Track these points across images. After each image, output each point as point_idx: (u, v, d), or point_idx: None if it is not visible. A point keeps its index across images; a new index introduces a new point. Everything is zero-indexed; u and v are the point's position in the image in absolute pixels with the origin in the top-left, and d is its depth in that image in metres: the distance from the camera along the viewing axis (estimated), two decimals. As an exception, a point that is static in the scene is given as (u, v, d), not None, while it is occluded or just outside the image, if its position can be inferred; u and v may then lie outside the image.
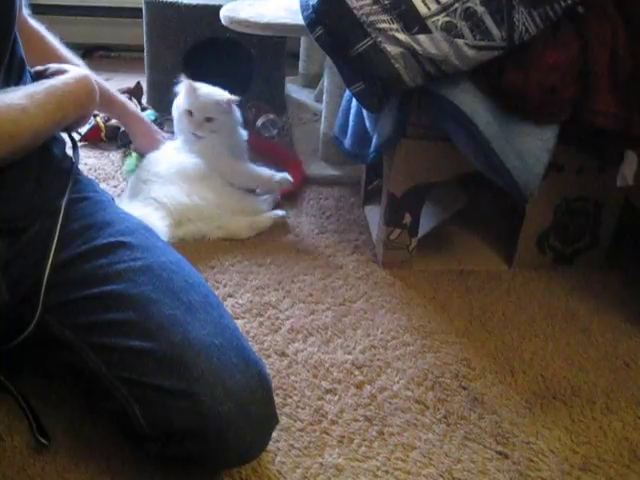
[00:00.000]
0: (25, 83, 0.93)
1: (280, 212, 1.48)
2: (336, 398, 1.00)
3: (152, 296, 0.85)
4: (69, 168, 0.99)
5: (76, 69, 0.97)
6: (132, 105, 1.58)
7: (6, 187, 0.87)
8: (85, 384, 0.89)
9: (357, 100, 1.15)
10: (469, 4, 1.02)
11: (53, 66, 0.99)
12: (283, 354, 1.08)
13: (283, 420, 0.94)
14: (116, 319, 0.84)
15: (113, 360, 0.82)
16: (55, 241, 0.90)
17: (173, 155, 1.46)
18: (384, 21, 1.03)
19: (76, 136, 1.12)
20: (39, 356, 0.94)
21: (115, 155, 1.73)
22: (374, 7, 1.03)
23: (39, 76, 0.99)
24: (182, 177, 1.40)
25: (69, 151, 1.02)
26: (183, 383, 0.78)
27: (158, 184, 1.38)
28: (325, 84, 1.71)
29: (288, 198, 1.57)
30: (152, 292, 0.86)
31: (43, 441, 0.86)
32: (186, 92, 1.46)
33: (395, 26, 1.03)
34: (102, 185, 1.53)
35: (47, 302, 0.87)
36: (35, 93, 0.87)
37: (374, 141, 1.26)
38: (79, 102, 0.94)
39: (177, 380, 0.78)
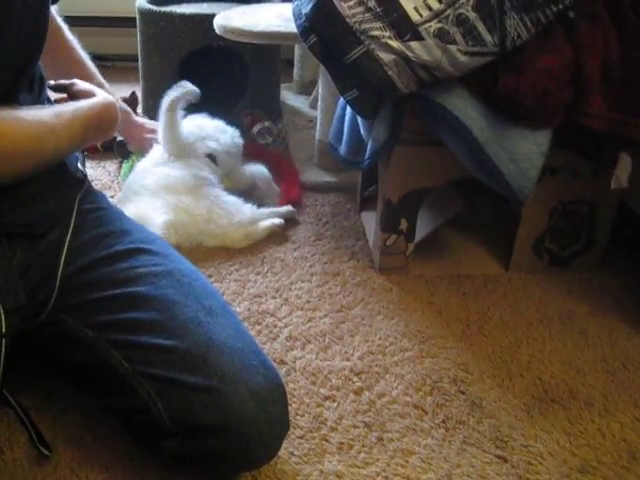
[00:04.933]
0: (44, 100, 0.94)
1: (277, 221, 1.46)
2: (335, 405, 1.00)
3: (174, 298, 0.87)
4: (82, 179, 1.02)
5: (103, 94, 0.98)
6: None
7: (25, 195, 0.88)
8: (97, 385, 0.89)
9: (351, 107, 1.16)
10: (461, 10, 1.03)
11: (80, 84, 1.00)
12: (281, 362, 1.09)
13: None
14: (139, 318, 0.85)
15: (136, 357, 0.83)
16: (71, 229, 0.93)
17: (161, 166, 1.44)
18: (377, 29, 1.03)
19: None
20: (54, 357, 0.95)
21: (111, 165, 1.73)
22: (366, 15, 1.04)
23: (62, 89, 1.00)
24: (169, 191, 1.38)
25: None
26: (207, 380, 0.79)
27: (146, 196, 1.37)
28: (320, 91, 1.71)
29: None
30: (174, 295, 0.88)
31: (45, 451, 0.86)
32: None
33: (388, 33, 1.03)
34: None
35: (65, 303, 0.88)
36: (63, 113, 0.87)
37: (369, 147, 1.27)
38: (101, 128, 0.95)
39: (201, 377, 0.79)
